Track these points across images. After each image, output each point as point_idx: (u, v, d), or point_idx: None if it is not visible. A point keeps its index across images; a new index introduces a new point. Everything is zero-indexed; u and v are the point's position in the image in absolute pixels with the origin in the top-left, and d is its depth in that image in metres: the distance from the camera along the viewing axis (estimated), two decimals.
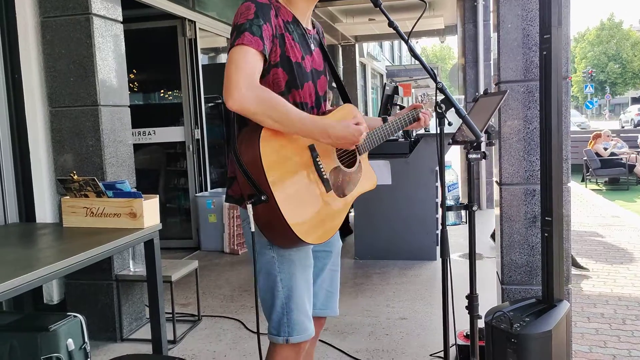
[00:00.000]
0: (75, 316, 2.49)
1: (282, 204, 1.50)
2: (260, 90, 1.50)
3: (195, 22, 5.47)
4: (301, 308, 1.68)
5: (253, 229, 1.55)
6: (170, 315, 3.15)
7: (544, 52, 2.45)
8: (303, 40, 1.70)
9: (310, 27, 1.79)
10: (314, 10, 6.61)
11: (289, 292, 1.66)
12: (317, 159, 1.63)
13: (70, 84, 3.09)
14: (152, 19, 5.37)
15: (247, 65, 1.49)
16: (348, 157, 1.80)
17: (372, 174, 1.89)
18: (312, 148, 1.62)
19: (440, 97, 1.83)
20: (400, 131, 2.04)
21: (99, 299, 3.21)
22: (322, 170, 1.64)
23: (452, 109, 1.82)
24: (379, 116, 2.44)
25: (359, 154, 1.82)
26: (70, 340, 2.39)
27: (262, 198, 1.49)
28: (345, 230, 6.36)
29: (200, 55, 5.57)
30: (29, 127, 3.10)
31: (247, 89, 1.47)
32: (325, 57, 1.85)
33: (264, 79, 1.59)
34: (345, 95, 1.97)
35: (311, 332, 1.72)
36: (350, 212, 7.15)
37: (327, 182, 1.65)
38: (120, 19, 3.28)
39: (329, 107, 1.98)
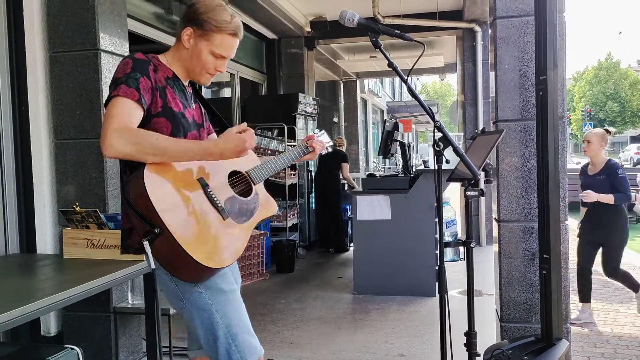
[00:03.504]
0: (72, 348, 2.47)
1: (177, 232, 1.53)
2: (129, 132, 1.56)
3: None
4: (244, 327, 1.75)
5: (153, 266, 1.57)
6: (167, 349, 3.13)
7: (540, 93, 2.51)
8: (183, 95, 1.81)
9: (187, 85, 1.89)
10: (315, 48, 6.69)
11: (228, 320, 1.71)
12: (209, 190, 1.68)
13: (76, 116, 3.14)
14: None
15: (119, 114, 1.57)
16: (242, 187, 1.85)
17: (270, 202, 1.95)
18: (201, 180, 1.67)
19: (439, 135, 1.87)
20: (295, 161, 2.08)
21: (96, 331, 3.19)
22: (216, 200, 1.69)
23: (450, 146, 1.86)
24: (379, 153, 2.48)
25: (254, 184, 1.88)
26: None
27: (156, 231, 1.51)
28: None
29: (203, 90, 5.66)
30: (33, 158, 3.14)
31: (117, 134, 1.53)
32: (205, 106, 1.97)
33: (145, 127, 1.65)
34: (224, 125, 1.98)
35: (260, 348, 1.78)
36: (349, 247, 7.14)
37: (223, 210, 1.70)
38: (127, 54, 3.36)
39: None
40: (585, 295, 4.19)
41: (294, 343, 3.69)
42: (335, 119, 12.27)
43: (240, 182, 1.85)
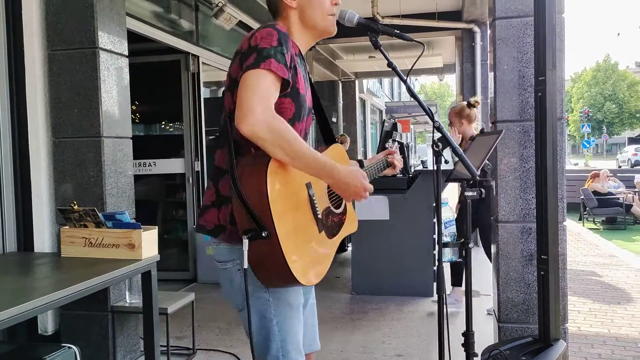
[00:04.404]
0: (69, 347, 2.47)
1: (284, 242, 1.43)
2: (275, 118, 1.44)
3: (198, 56, 5.58)
4: (297, 346, 1.65)
5: (246, 266, 1.46)
6: (165, 348, 3.12)
7: (539, 94, 2.51)
8: (306, 75, 1.70)
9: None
10: (315, 47, 6.69)
11: (285, 335, 1.61)
12: (314, 198, 1.59)
13: (75, 115, 3.14)
14: (157, 53, 5.47)
15: (265, 90, 1.44)
16: (336, 198, 1.76)
17: (354, 217, 1.86)
18: (309, 186, 1.58)
19: (438, 135, 1.87)
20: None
21: (93, 330, 3.19)
22: (317, 209, 1.60)
23: (449, 147, 1.86)
24: (377, 153, 2.44)
25: None
26: None
27: (263, 234, 1.40)
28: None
29: (202, 89, 5.66)
30: (31, 156, 3.14)
31: (262, 114, 1.41)
32: (315, 95, 1.82)
33: None
34: (332, 135, 1.93)
35: None
36: (348, 247, 7.13)
37: (321, 222, 1.62)
38: (126, 53, 3.35)
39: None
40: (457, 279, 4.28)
41: None
42: (334, 119, 12.27)
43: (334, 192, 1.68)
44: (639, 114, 47.94)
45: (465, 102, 4.26)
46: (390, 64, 1.77)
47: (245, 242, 1.43)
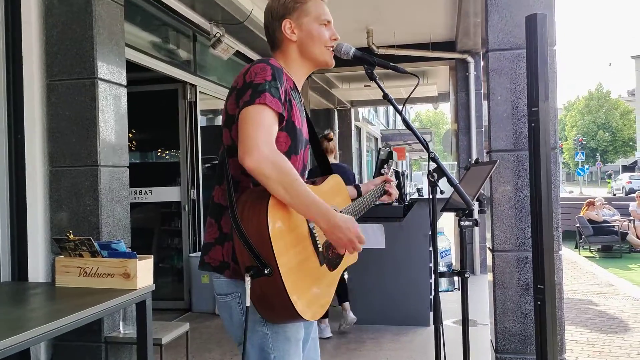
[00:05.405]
0: None
1: (286, 278, 1.42)
2: (279, 155, 1.45)
3: (196, 86, 5.63)
4: None
5: (249, 304, 1.44)
6: None
7: (532, 124, 2.54)
8: (302, 107, 1.71)
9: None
10: (310, 76, 6.80)
11: None
12: (314, 231, 1.59)
13: (72, 144, 3.15)
14: (155, 82, 5.53)
15: (267, 126, 1.46)
16: None
17: None
18: (309, 220, 1.58)
19: (433, 165, 1.88)
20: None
21: None
22: (318, 242, 1.60)
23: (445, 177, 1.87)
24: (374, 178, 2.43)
25: None
26: None
27: (266, 271, 1.40)
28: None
29: (199, 117, 5.70)
30: (27, 185, 3.13)
31: (268, 150, 1.43)
32: (310, 126, 1.83)
33: None
34: (328, 166, 1.93)
35: None
36: (344, 274, 7.08)
37: (322, 254, 1.61)
38: (125, 83, 3.39)
39: None
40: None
41: None
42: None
43: None
44: (632, 142, 48.41)
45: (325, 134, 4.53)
46: (385, 96, 1.79)
47: (248, 279, 1.42)
